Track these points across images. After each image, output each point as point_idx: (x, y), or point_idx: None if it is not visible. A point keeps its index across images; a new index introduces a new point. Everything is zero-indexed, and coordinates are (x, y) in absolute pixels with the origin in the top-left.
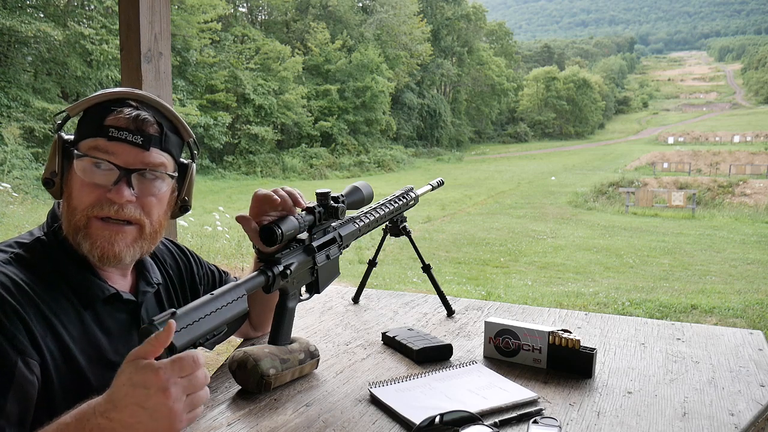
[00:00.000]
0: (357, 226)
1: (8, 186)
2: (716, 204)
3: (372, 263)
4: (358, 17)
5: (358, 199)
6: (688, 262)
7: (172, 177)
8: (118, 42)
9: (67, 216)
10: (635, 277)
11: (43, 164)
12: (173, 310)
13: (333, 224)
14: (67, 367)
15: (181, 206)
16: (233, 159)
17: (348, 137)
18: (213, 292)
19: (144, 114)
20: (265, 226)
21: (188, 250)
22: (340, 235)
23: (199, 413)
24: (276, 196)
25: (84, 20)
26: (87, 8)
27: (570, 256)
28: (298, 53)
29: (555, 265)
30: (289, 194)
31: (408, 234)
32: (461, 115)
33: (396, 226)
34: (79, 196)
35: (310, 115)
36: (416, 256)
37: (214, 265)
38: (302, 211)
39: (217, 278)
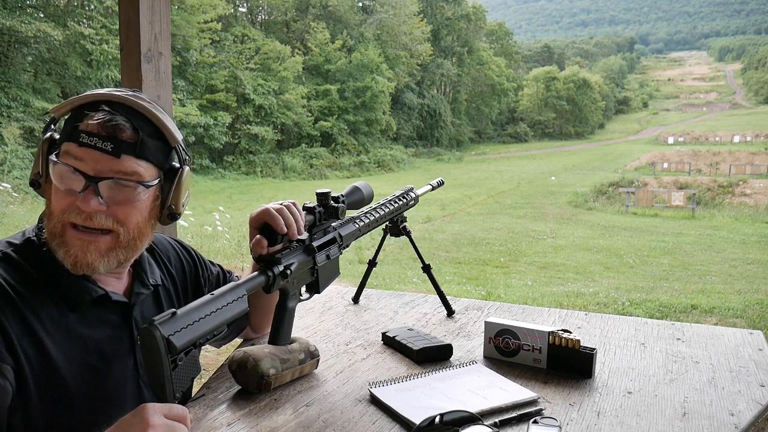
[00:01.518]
0: (357, 226)
1: (8, 186)
2: (716, 204)
3: (372, 263)
4: (358, 17)
5: (358, 199)
6: (688, 262)
7: (146, 186)
8: (118, 42)
9: (46, 221)
10: (635, 277)
11: None
12: (173, 310)
13: (333, 224)
14: (45, 371)
15: (169, 213)
16: (233, 159)
17: (348, 137)
18: (213, 292)
19: (117, 119)
20: (265, 225)
21: (194, 251)
22: (340, 235)
23: None
24: (283, 225)
25: (84, 20)
26: (87, 8)
27: (570, 256)
28: (298, 53)
29: (555, 265)
30: (296, 221)
31: (408, 234)
32: (461, 115)
33: (396, 226)
34: (55, 202)
35: (310, 115)
36: (416, 256)
37: (219, 265)
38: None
39: (221, 279)
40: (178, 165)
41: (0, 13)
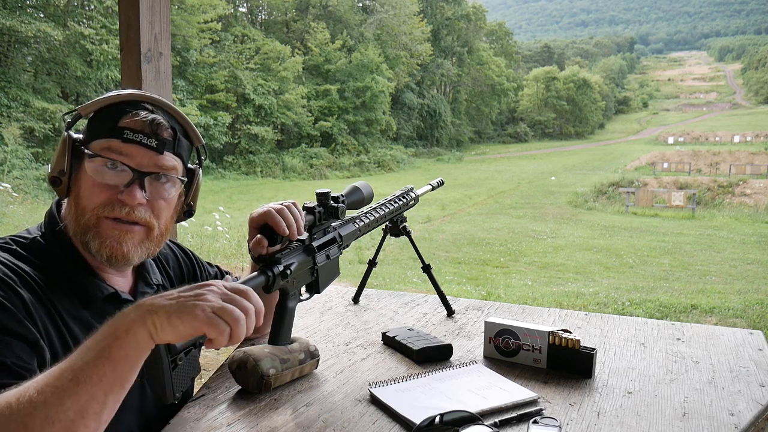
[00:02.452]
0: (357, 226)
1: (8, 186)
2: (716, 204)
3: (372, 263)
4: (358, 17)
5: (358, 199)
6: (688, 262)
7: (182, 181)
8: (118, 42)
9: (75, 216)
10: (635, 277)
11: (43, 164)
12: None
13: (333, 224)
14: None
15: (186, 211)
16: (233, 159)
17: (348, 137)
18: None
19: (159, 118)
20: (265, 225)
21: (191, 252)
22: (340, 235)
23: (225, 330)
24: (285, 227)
25: (84, 20)
26: (87, 8)
27: (570, 256)
28: (298, 53)
29: (555, 265)
30: (296, 222)
31: (408, 234)
32: (461, 115)
33: (396, 226)
34: (89, 196)
35: (310, 115)
36: (416, 256)
37: (216, 266)
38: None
39: (219, 279)
40: (197, 164)
41: (0, 13)
